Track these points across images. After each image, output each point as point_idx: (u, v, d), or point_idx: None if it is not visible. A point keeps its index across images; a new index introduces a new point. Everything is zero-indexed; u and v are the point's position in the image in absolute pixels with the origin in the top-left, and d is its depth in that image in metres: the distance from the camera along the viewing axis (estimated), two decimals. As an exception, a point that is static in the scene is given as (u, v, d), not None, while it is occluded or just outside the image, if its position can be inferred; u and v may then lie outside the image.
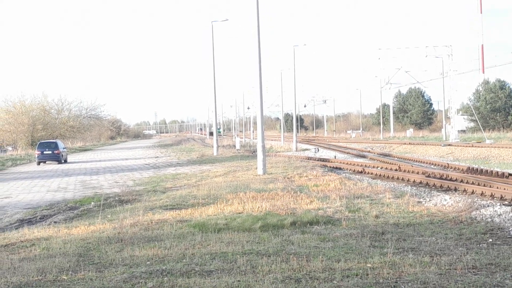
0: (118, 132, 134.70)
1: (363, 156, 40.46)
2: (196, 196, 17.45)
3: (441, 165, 29.73)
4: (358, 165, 29.64)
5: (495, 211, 13.21)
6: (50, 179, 30.57)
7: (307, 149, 53.18)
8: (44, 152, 45.14)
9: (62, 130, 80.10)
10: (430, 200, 16.18)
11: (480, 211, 13.26)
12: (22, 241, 11.43)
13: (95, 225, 12.79)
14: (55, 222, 15.08)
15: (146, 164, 39.42)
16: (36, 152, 45.86)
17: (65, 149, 48.85)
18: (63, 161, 45.84)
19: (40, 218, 16.36)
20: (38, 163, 44.90)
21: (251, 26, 25.50)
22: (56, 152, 45.23)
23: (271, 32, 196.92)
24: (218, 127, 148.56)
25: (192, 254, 9.38)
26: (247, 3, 25.65)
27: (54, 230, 12.54)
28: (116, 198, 19.10)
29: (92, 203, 18.34)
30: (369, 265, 8.29)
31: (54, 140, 50.27)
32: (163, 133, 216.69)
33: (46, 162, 45.38)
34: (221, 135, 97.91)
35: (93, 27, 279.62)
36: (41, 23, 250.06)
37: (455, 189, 18.43)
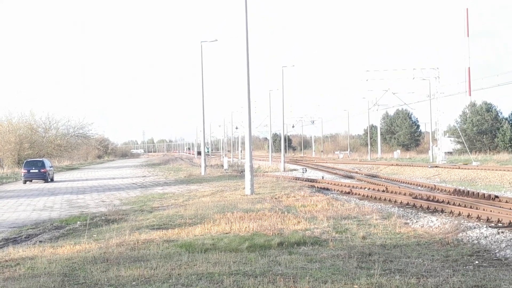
0: (106, 151, 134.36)
1: (351, 177, 40.51)
2: (183, 216, 17.37)
3: (428, 187, 29.83)
4: (345, 186, 29.67)
5: (482, 233, 13.26)
6: (36, 198, 30.35)
7: (295, 170, 53.20)
8: (31, 171, 44.88)
9: (49, 148, 79.75)
10: (417, 221, 16.21)
11: (466, 233, 13.30)
12: (6, 261, 11.31)
13: (81, 245, 12.68)
14: (40, 241, 14.93)
15: (133, 184, 39.27)
16: (23, 171, 45.60)
17: (51, 168, 48.58)
18: (49, 179, 45.57)
19: (25, 237, 16.21)
20: (25, 182, 44.62)
21: (240, 47, 25.64)
22: (43, 170, 44.96)
23: (260, 52, 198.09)
24: (207, 146, 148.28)
25: (178, 274, 9.32)
26: (236, 24, 25.82)
27: (39, 250, 12.42)
28: (103, 218, 18.97)
29: (78, 222, 18.21)
30: (356, 286, 8.28)
31: (41, 159, 50.01)
32: (151, 152, 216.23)
33: (33, 180, 45.10)
34: (209, 155, 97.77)
35: (82, 45, 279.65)
36: (28, 42, 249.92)
37: (442, 211, 18.47)
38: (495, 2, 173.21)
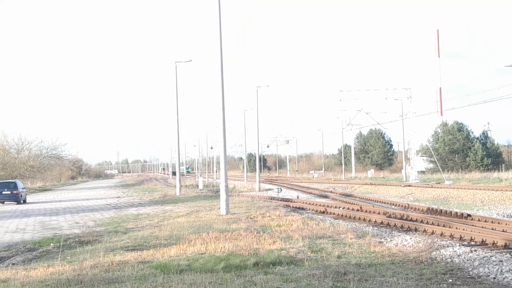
0: (79, 172, 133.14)
1: (326, 196, 40.65)
2: (158, 237, 17.24)
3: (402, 206, 30.05)
4: (320, 205, 29.76)
5: (455, 251, 13.38)
6: (8, 219, 29.87)
7: (270, 189, 53.22)
8: (3, 192, 44.26)
9: (21, 169, 78.66)
10: (391, 240, 16.30)
11: (440, 251, 13.42)
12: (-22, 284, 11.11)
13: (54, 267, 12.51)
14: (13, 264, 14.71)
15: (108, 205, 38.88)
16: (-6, 192, 44.93)
17: (24, 189, 47.94)
18: (22, 201, 44.93)
19: (-3, 259, 15.94)
20: (-4, 204, 43.96)
21: (215, 67, 25.69)
22: (15, 192, 44.36)
23: (235, 72, 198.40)
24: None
25: (153, 296, 9.23)
26: (211, 45, 25.91)
27: (12, 272, 12.22)
28: (76, 239, 18.76)
29: (52, 244, 17.97)
30: (331, 306, 8.28)
31: (13, 180, 49.32)
32: (125, 173, 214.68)
33: (5, 202, 44.45)
34: (184, 174, 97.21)
35: (55, 64, 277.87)
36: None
37: (416, 230, 18.61)
38: (466, 24, 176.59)
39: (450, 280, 10.39)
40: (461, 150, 76.10)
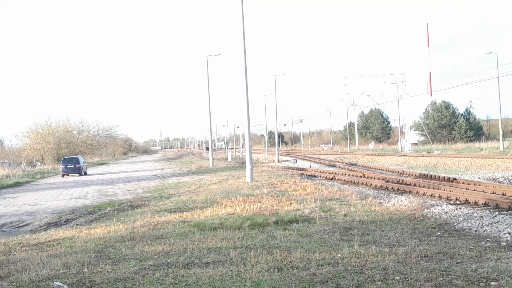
0: (129, 148, 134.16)
1: (334, 166, 40.51)
2: (195, 201, 17.37)
3: (398, 172, 29.85)
4: (329, 173, 29.68)
5: (443, 209, 13.30)
6: (72, 188, 30.35)
7: (287, 160, 53.17)
8: (68, 166, 44.93)
9: (82, 147, 79.52)
10: (389, 201, 16.24)
11: (430, 210, 13.34)
12: (49, 241, 11.33)
13: (111, 227, 12.70)
14: (77, 224, 14.98)
15: (153, 175, 39.23)
16: (61, 166, 45.62)
17: (85, 163, 48.56)
18: (83, 173, 45.57)
19: (64, 221, 16.25)
20: (63, 176, 44.63)
21: (239, 60, 25.58)
22: (78, 166, 44.99)
23: (256, 62, 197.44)
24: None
25: (192, 249, 9.34)
26: (236, 41, 25.75)
27: (76, 231, 12.44)
28: (128, 204, 19.01)
29: (108, 208, 18.24)
30: (339, 255, 8.30)
31: (76, 156, 49.98)
32: (167, 148, 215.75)
33: (69, 174, 45.14)
34: (215, 150, 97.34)
35: (110, 58, 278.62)
36: (63, 59, 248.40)
37: (410, 192, 18.50)
38: (452, 18, 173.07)
39: (439, 233, 10.35)
40: (447, 125, 75.22)
